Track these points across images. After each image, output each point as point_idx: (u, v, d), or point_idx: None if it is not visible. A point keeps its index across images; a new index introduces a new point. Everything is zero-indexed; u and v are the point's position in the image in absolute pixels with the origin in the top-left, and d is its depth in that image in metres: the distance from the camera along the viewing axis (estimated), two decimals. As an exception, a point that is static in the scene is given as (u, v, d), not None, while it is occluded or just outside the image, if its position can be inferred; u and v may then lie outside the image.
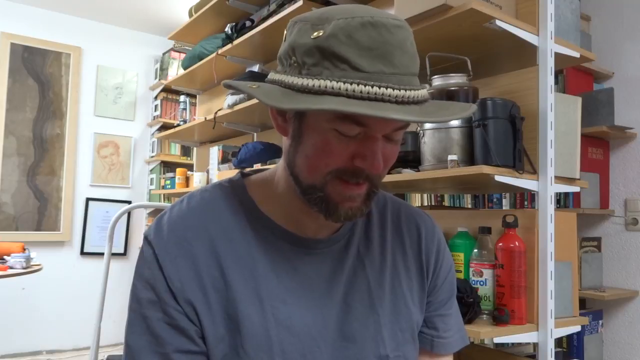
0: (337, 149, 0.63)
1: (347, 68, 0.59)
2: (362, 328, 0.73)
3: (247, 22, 2.50)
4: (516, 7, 1.49)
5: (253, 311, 0.68)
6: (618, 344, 2.32)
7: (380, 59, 0.59)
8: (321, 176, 0.65)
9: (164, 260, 0.68)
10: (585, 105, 1.84)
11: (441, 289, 0.83)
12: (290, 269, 0.71)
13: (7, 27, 3.84)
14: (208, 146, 3.23)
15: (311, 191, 0.67)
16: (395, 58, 0.60)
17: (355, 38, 0.60)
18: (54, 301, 3.88)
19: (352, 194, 0.66)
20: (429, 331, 0.82)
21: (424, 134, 1.45)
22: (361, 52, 0.59)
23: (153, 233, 0.70)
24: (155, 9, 3.91)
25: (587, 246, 2.30)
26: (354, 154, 0.63)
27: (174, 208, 0.73)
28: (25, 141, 3.88)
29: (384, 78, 0.59)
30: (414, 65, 0.63)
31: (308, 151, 0.65)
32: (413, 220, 0.84)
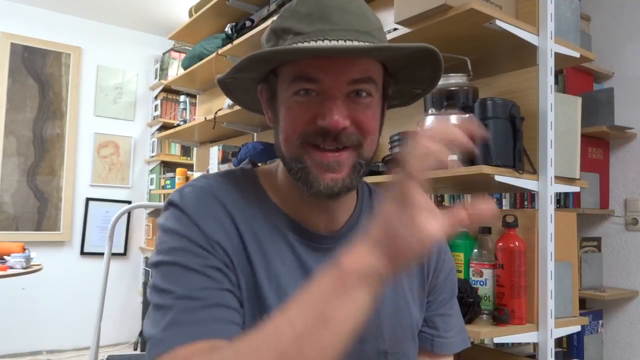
0: (299, 112, 0.66)
1: (292, 36, 0.66)
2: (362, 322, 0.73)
3: (247, 22, 2.50)
4: (516, 7, 1.49)
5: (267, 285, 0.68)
6: (618, 344, 2.32)
7: (319, 20, 0.65)
8: (294, 145, 0.67)
9: (194, 216, 0.66)
10: (585, 105, 1.84)
11: (442, 289, 0.84)
12: (294, 258, 0.72)
13: (7, 27, 3.84)
14: (208, 146, 3.23)
15: (293, 164, 0.68)
16: (333, 17, 0.65)
17: (296, 10, 0.67)
18: (54, 301, 3.88)
19: (330, 162, 0.66)
20: (429, 331, 0.82)
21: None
22: (301, 19, 0.66)
23: (179, 199, 0.69)
24: (155, 9, 3.91)
25: (587, 246, 2.30)
26: (315, 115, 0.65)
27: (195, 182, 0.73)
28: (25, 141, 3.88)
29: (323, 34, 0.64)
30: (360, 23, 0.66)
31: (282, 125, 0.69)
32: None
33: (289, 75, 0.67)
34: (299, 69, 0.66)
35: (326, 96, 0.65)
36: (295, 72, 0.66)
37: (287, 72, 0.68)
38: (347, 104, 0.66)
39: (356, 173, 0.68)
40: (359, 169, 0.68)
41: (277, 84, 0.70)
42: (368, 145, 0.69)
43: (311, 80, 0.65)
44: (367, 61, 0.67)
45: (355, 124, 0.66)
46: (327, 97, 0.65)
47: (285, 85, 0.68)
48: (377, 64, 0.69)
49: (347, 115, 0.65)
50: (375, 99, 0.69)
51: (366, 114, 0.68)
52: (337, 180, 0.67)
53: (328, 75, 0.65)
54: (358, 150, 0.68)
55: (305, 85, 0.66)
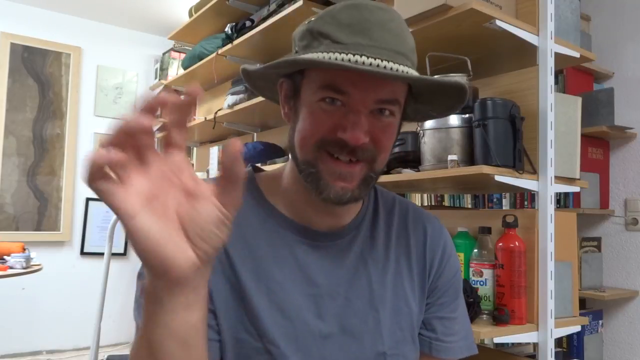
0: (321, 119, 0.67)
1: (329, 42, 0.66)
2: (361, 323, 0.74)
3: (247, 22, 2.50)
4: (516, 7, 1.49)
5: (251, 287, 0.70)
6: (618, 344, 2.32)
7: (359, 33, 0.65)
8: (310, 149, 0.68)
9: None
10: (585, 105, 1.83)
11: (443, 291, 0.83)
12: (290, 257, 0.73)
13: (7, 27, 3.84)
14: (208, 146, 3.24)
15: (305, 167, 0.69)
16: (374, 33, 0.65)
17: (337, 17, 0.67)
18: (54, 301, 3.88)
19: (342, 172, 0.67)
20: (427, 333, 0.81)
21: (424, 134, 1.45)
22: (341, 28, 0.66)
23: None
24: (155, 9, 3.91)
25: (587, 246, 2.30)
26: (336, 125, 0.66)
27: None
28: (25, 141, 3.88)
29: (361, 49, 0.64)
30: (398, 43, 0.66)
31: (300, 126, 0.70)
32: (420, 221, 0.84)
33: (318, 80, 0.67)
34: (330, 78, 0.66)
35: (351, 110, 0.66)
36: (325, 79, 0.66)
37: (317, 77, 0.68)
38: (369, 120, 0.67)
39: (366, 185, 0.70)
40: (369, 181, 0.70)
41: (302, 84, 0.70)
42: (381, 160, 0.70)
43: (340, 92, 0.66)
44: (396, 84, 0.68)
45: (374, 140, 0.67)
46: (352, 110, 0.66)
47: (312, 89, 0.68)
48: (404, 86, 0.70)
49: (368, 131, 0.66)
50: (397, 119, 0.71)
51: (385, 133, 0.69)
52: (347, 189, 0.68)
53: (357, 90, 0.65)
54: (371, 164, 0.69)
55: (333, 95, 0.66)
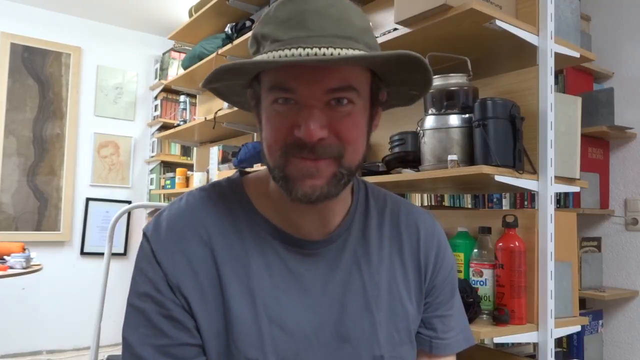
0: (278, 122, 0.66)
1: (269, 43, 0.65)
2: (357, 328, 0.73)
3: (247, 22, 2.50)
4: (516, 7, 1.49)
5: (245, 309, 0.68)
6: (618, 344, 2.32)
7: (295, 27, 0.63)
8: (277, 155, 0.66)
9: (161, 256, 0.69)
10: (585, 105, 1.84)
11: (440, 290, 0.82)
12: (284, 269, 0.71)
13: (7, 27, 3.84)
14: (208, 146, 3.24)
15: (275, 173, 0.68)
16: (310, 23, 0.63)
17: (275, 15, 0.66)
18: (54, 301, 3.88)
19: (308, 169, 0.65)
20: (427, 332, 0.81)
21: (424, 134, 1.45)
22: (279, 25, 0.64)
23: (151, 230, 0.71)
24: (155, 9, 3.91)
25: (587, 246, 2.30)
26: (292, 125, 0.64)
27: (173, 206, 0.74)
28: (25, 141, 3.88)
29: (298, 41, 0.62)
30: (340, 27, 0.64)
31: (264, 134, 0.69)
32: (412, 219, 0.82)
33: (267, 83, 0.67)
34: (275, 78, 0.65)
35: (302, 106, 0.64)
36: (271, 81, 0.65)
37: (266, 80, 0.67)
38: (326, 113, 0.64)
39: (337, 182, 0.67)
40: (340, 177, 0.67)
41: (260, 92, 0.69)
42: (350, 154, 0.67)
43: (286, 90, 0.64)
44: (345, 69, 0.64)
45: (335, 133, 0.65)
46: (303, 106, 0.64)
47: (265, 93, 0.67)
48: (360, 70, 0.67)
49: (326, 125, 0.64)
50: (359, 106, 0.67)
51: (346, 123, 0.65)
52: (315, 186, 0.65)
53: (303, 85, 0.63)
54: (338, 159, 0.66)
55: (281, 94, 0.65)
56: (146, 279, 0.69)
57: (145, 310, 0.68)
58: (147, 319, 0.67)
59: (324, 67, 0.63)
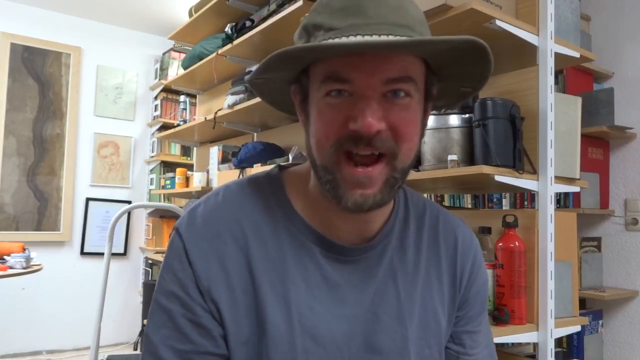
0: (331, 116, 0.61)
1: (324, 32, 0.61)
2: (388, 341, 0.70)
3: (247, 22, 2.50)
4: (516, 7, 1.49)
5: (280, 317, 0.65)
6: (618, 344, 2.32)
7: (353, 15, 0.60)
8: (327, 152, 0.62)
9: (193, 256, 0.66)
10: (585, 105, 1.84)
11: (472, 304, 0.79)
12: (320, 276, 0.68)
13: (7, 27, 3.84)
14: (208, 146, 3.23)
15: (323, 173, 0.63)
16: (369, 11, 0.60)
17: (329, 5, 0.62)
18: (54, 301, 3.88)
19: (360, 178, 0.61)
20: (455, 347, 0.77)
21: (424, 134, 1.45)
22: (334, 14, 0.61)
23: (185, 225, 0.68)
24: (155, 9, 3.91)
25: (587, 246, 2.30)
26: (347, 118, 0.60)
27: (209, 200, 0.70)
28: (25, 141, 3.88)
29: (356, 29, 0.59)
30: (399, 16, 0.61)
31: (313, 129, 0.65)
32: (451, 228, 0.79)
33: (319, 75, 0.62)
34: (330, 68, 0.61)
35: (359, 97, 0.60)
36: (325, 71, 0.61)
37: (318, 72, 0.63)
38: (383, 105, 0.60)
39: (389, 188, 0.63)
40: (393, 183, 0.63)
41: (309, 86, 0.65)
42: (404, 154, 0.62)
43: (342, 81, 0.60)
44: (405, 58, 0.61)
45: (391, 127, 0.61)
46: (360, 97, 0.60)
47: (316, 86, 0.63)
48: (417, 61, 0.63)
49: (382, 118, 0.60)
50: (415, 100, 0.63)
51: (403, 117, 0.61)
52: (367, 196, 0.62)
53: (360, 74, 0.59)
54: (392, 162, 0.62)
55: (336, 86, 0.61)
56: (175, 278, 0.66)
57: (172, 311, 0.65)
58: (171, 320, 0.65)
59: (383, 56, 0.59)
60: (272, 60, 0.61)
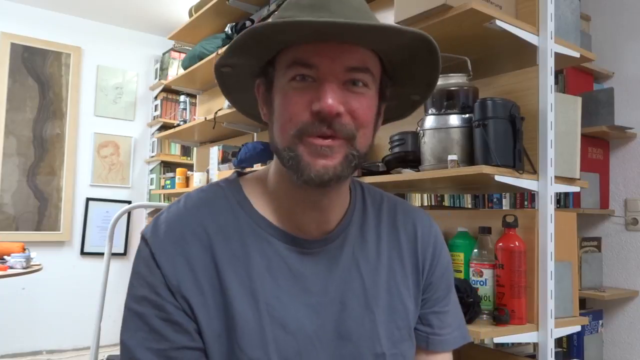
0: (295, 99, 0.66)
1: None
2: (358, 326, 0.73)
3: (247, 22, 2.50)
4: (516, 7, 1.49)
5: (248, 309, 0.68)
6: (618, 344, 2.32)
7: (319, 10, 0.65)
8: (289, 135, 0.66)
9: (160, 258, 0.68)
10: (585, 105, 1.83)
11: (437, 286, 0.83)
12: (285, 268, 0.72)
13: (7, 27, 3.85)
14: (208, 146, 3.24)
15: (285, 153, 0.67)
16: (333, 8, 0.65)
17: (297, 3, 0.68)
18: (54, 301, 3.88)
19: (322, 147, 0.65)
20: (423, 328, 0.82)
21: (424, 134, 1.45)
22: (301, 10, 0.66)
23: (150, 232, 0.71)
24: (155, 9, 3.91)
25: (587, 246, 2.30)
26: (311, 100, 0.65)
27: (171, 208, 0.74)
28: (25, 141, 3.88)
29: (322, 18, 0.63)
30: (360, 15, 0.66)
31: (277, 115, 0.69)
32: (409, 217, 0.84)
33: (285, 61, 0.67)
34: (295, 54, 0.66)
35: (322, 81, 0.65)
36: (291, 57, 0.66)
37: (284, 59, 0.68)
38: (343, 92, 0.66)
39: (348, 163, 0.67)
40: (351, 159, 0.67)
41: (275, 75, 0.70)
42: (361, 137, 0.68)
43: (307, 65, 0.65)
44: (364, 51, 0.67)
45: (350, 112, 0.66)
46: (322, 81, 0.65)
47: (282, 72, 0.68)
48: (374, 57, 0.69)
49: (342, 102, 0.65)
50: (372, 92, 0.69)
51: (361, 104, 0.67)
52: (328, 167, 0.65)
53: (324, 60, 0.65)
54: (351, 141, 0.67)
55: (301, 71, 0.65)
56: (144, 282, 0.68)
57: (144, 314, 0.67)
58: (145, 323, 0.67)
59: (345, 46, 0.65)
60: (242, 39, 0.65)
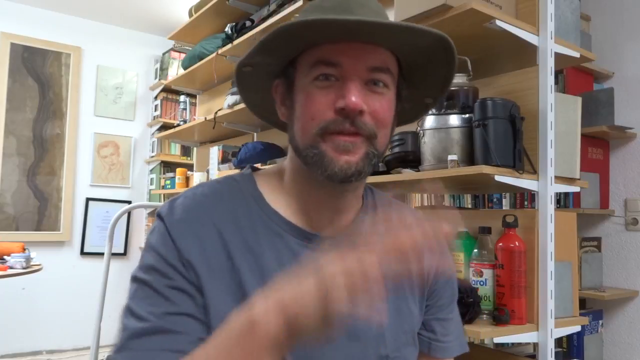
0: (319, 99, 0.67)
1: None
2: (365, 327, 0.73)
3: (247, 22, 2.50)
4: (516, 7, 1.49)
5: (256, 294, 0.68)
6: (618, 344, 2.32)
7: (342, 13, 0.67)
8: (312, 134, 0.67)
9: (175, 234, 0.68)
10: (585, 105, 1.83)
11: (442, 293, 0.83)
12: (295, 262, 0.70)
13: (7, 27, 3.84)
14: (208, 146, 3.24)
15: (308, 151, 0.68)
16: (354, 10, 0.68)
17: (319, 5, 0.70)
18: (54, 301, 3.88)
19: (345, 143, 0.66)
20: (427, 334, 0.82)
21: (424, 134, 1.45)
22: (324, 12, 0.68)
23: (166, 212, 0.71)
24: (155, 9, 3.91)
25: (587, 246, 2.29)
26: (335, 98, 0.66)
27: (188, 193, 0.74)
28: (25, 141, 3.88)
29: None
30: (378, 17, 0.68)
31: (299, 113, 0.70)
32: None
33: (308, 61, 0.68)
34: (319, 54, 0.67)
35: (346, 79, 0.66)
36: (315, 57, 0.67)
37: (307, 58, 0.69)
38: (365, 91, 0.67)
39: (369, 161, 0.69)
40: (372, 157, 0.69)
41: (296, 76, 0.71)
42: (381, 137, 0.69)
43: (331, 65, 0.66)
44: (385, 52, 0.68)
45: (371, 112, 0.67)
46: (346, 80, 0.66)
47: (305, 72, 0.69)
48: (393, 58, 0.71)
49: (365, 101, 0.66)
50: (391, 93, 0.71)
51: (382, 104, 0.68)
52: (351, 162, 0.67)
53: (348, 59, 0.66)
54: (372, 140, 0.68)
55: (325, 70, 0.67)
56: (156, 253, 0.68)
57: (151, 281, 0.67)
58: (150, 288, 0.66)
59: (368, 46, 0.67)
60: (272, 36, 0.65)
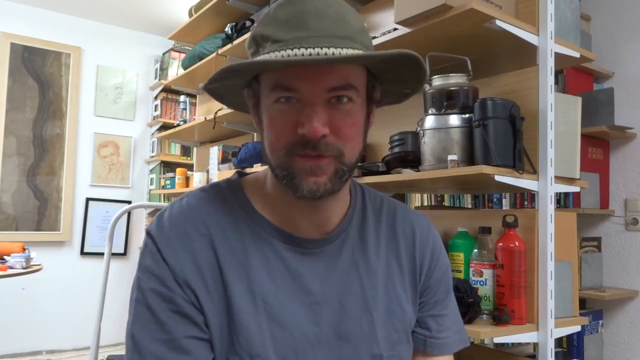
0: (280, 122, 0.67)
1: (271, 43, 0.66)
2: (356, 328, 0.74)
3: (247, 22, 2.50)
4: (516, 7, 1.49)
5: (246, 306, 0.69)
6: (618, 344, 2.32)
7: (295, 27, 0.65)
8: (279, 155, 0.68)
9: (166, 253, 0.69)
10: (585, 105, 1.83)
11: (435, 290, 0.84)
12: (283, 267, 0.72)
13: (7, 27, 3.84)
14: (208, 146, 3.24)
15: (279, 171, 0.69)
16: (310, 24, 0.65)
17: (274, 17, 0.67)
18: (54, 301, 3.88)
19: (312, 166, 0.67)
20: (421, 331, 0.82)
21: (424, 134, 1.45)
22: (279, 26, 0.66)
23: (155, 228, 0.72)
24: (155, 9, 3.91)
25: (587, 246, 2.30)
26: (295, 123, 0.66)
27: (174, 205, 0.75)
28: (25, 141, 3.88)
29: (300, 42, 0.64)
30: (339, 28, 0.66)
31: (266, 134, 0.70)
32: (408, 221, 0.84)
33: (268, 83, 0.68)
34: (277, 77, 0.66)
35: (305, 104, 0.66)
36: (273, 80, 0.67)
37: (267, 79, 0.68)
38: (327, 110, 0.66)
39: (338, 178, 0.69)
40: (342, 174, 0.69)
41: (260, 91, 0.71)
42: (349, 152, 0.69)
43: (289, 89, 0.66)
44: (346, 68, 0.67)
45: (335, 131, 0.67)
46: (306, 104, 0.66)
47: (266, 92, 0.69)
48: (357, 68, 0.69)
49: (327, 122, 0.66)
50: (357, 104, 0.69)
51: (346, 121, 0.67)
52: (319, 183, 0.67)
53: (305, 84, 0.65)
54: (339, 158, 0.68)
55: (284, 94, 0.66)
56: (152, 275, 0.69)
57: (153, 306, 0.68)
58: (154, 315, 0.68)
59: (325, 66, 0.65)
60: (223, 72, 0.67)
